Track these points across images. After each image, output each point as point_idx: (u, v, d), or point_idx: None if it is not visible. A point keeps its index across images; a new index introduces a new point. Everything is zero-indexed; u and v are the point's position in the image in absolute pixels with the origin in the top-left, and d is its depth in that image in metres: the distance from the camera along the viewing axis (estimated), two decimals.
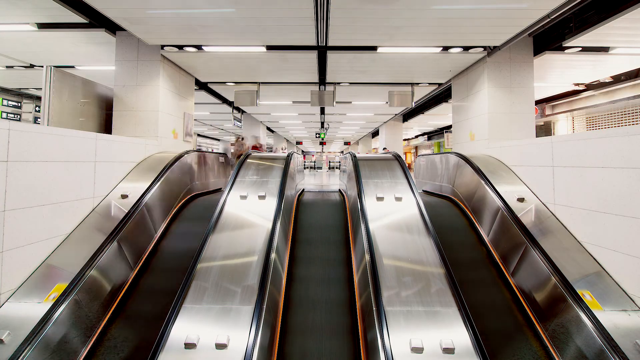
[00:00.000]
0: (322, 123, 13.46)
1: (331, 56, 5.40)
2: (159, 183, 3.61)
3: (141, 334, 2.50)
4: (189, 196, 4.44)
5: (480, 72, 5.33)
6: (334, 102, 7.20)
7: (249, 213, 3.20)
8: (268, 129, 16.99)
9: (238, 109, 11.11)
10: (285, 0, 3.44)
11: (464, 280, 2.63)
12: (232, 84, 7.33)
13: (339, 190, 6.14)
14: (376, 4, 3.50)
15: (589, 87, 7.70)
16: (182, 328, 2.03)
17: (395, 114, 12.06)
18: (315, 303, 2.87)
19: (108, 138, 3.41)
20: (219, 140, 24.07)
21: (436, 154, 5.50)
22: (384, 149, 13.92)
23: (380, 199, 3.35)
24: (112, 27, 4.76)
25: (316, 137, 16.13)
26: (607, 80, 7.23)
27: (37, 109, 9.52)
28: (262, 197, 3.40)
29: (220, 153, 6.11)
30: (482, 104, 5.23)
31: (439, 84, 7.29)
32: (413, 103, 7.36)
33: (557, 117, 9.65)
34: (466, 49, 4.89)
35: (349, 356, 2.42)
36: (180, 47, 4.90)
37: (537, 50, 5.06)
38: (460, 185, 4.34)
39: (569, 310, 2.29)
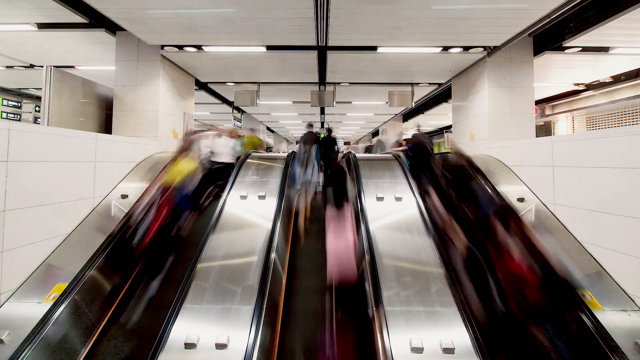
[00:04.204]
0: (322, 123, 13.45)
1: (331, 56, 5.40)
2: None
3: (141, 334, 2.49)
4: None
5: (480, 72, 5.33)
6: (334, 102, 7.20)
7: (249, 213, 3.20)
8: (268, 129, 16.97)
9: (238, 109, 11.09)
10: (285, 0, 3.44)
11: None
12: (232, 84, 7.32)
13: None
14: (376, 4, 3.50)
15: (589, 87, 7.69)
16: (182, 328, 2.03)
17: (395, 114, 12.05)
18: (314, 301, 2.86)
19: (108, 138, 3.41)
20: None
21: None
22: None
23: (380, 199, 3.35)
24: (112, 27, 4.76)
25: None
26: (607, 80, 7.22)
27: (37, 109, 9.51)
28: (262, 197, 3.40)
29: None
30: (482, 104, 5.23)
31: (439, 84, 7.28)
32: (413, 103, 7.35)
33: (557, 117, 9.64)
34: (466, 49, 4.88)
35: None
36: (180, 47, 4.90)
37: (537, 50, 5.05)
38: None
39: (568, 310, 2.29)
